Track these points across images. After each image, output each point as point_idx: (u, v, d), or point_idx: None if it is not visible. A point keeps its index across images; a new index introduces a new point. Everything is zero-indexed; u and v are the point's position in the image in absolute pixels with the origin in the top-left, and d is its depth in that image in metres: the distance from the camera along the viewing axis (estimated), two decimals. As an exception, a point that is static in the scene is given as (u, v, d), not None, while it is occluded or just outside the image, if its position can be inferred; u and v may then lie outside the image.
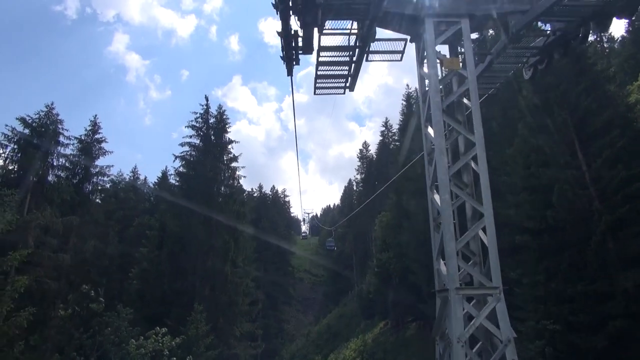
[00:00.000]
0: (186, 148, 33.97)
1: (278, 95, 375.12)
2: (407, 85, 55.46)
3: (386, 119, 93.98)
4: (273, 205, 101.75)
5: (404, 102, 48.17)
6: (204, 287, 28.01)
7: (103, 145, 30.98)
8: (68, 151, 28.75)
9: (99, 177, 30.08)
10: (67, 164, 28.38)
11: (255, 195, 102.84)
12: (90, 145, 30.48)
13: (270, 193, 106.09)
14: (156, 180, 49.03)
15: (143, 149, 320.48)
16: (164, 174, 32.16)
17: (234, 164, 35.08)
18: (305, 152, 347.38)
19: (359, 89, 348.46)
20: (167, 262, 28.66)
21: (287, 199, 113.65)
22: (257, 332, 32.34)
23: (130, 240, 33.70)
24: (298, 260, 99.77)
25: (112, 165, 31.61)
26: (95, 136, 31.38)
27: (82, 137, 30.69)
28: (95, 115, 32.23)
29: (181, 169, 33.44)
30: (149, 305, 27.07)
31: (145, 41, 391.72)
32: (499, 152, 34.93)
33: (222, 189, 32.05)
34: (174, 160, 33.29)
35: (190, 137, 34.36)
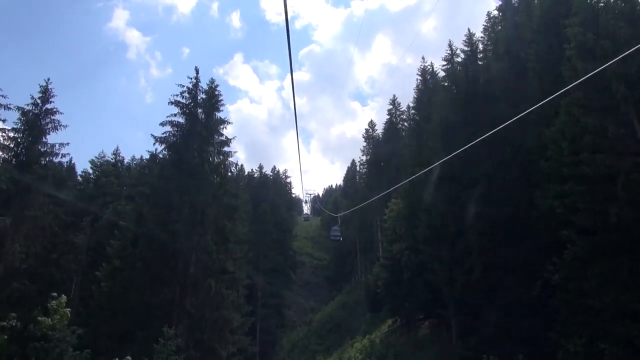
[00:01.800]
0: (168, 128, 27.65)
1: (280, 74, 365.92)
2: (423, 58, 49.47)
3: (394, 96, 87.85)
4: (274, 186, 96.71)
5: (419, 77, 42.68)
6: (185, 299, 22.74)
7: (57, 117, 25.39)
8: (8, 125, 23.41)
9: (48, 158, 24.47)
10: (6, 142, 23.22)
11: (255, 176, 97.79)
12: (39, 117, 24.62)
13: (271, 174, 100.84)
14: (144, 163, 43.17)
15: (144, 128, 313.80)
16: (153, 156, 25.94)
17: (225, 149, 29.05)
18: (307, 131, 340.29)
19: (362, 68, 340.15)
20: (141, 266, 23.20)
21: (288, 179, 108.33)
22: (252, 350, 27.18)
23: (105, 233, 28.26)
24: (299, 243, 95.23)
25: (68, 143, 25.16)
26: (46, 106, 25.32)
27: (28, 108, 24.66)
28: (48, 79, 25.85)
29: (163, 154, 27.31)
30: (116, 319, 21.90)
31: (146, 17, 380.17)
32: (535, 132, 29.69)
33: (211, 177, 26.33)
34: (154, 143, 27.10)
35: (175, 115, 28.07)
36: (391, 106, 70.79)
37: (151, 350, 16.64)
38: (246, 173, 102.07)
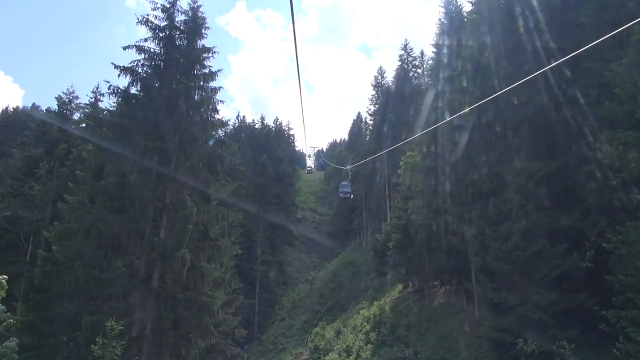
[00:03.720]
0: (136, 55, 20.72)
1: (284, 24, 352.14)
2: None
3: (405, 40, 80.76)
4: (276, 139, 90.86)
5: (442, 9, 35.59)
6: (151, 274, 17.29)
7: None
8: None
9: None
10: None
11: (256, 127, 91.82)
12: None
13: (273, 125, 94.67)
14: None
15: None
16: (116, 90, 19.40)
17: (212, 84, 22.13)
18: (311, 84, 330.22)
19: (367, 19, 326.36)
20: (96, 230, 17.00)
21: (291, 131, 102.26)
22: (239, 333, 21.93)
23: (65, 186, 22.64)
24: (302, 197, 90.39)
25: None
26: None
27: None
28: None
29: (129, 89, 20.21)
30: (62, 297, 16.68)
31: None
32: (592, 69, 23.67)
33: (190, 117, 20.40)
34: (118, 75, 20.09)
35: (145, 40, 21.21)
36: (403, 52, 63.62)
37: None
38: (247, 124, 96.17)
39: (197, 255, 17.69)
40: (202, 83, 21.72)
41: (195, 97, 21.03)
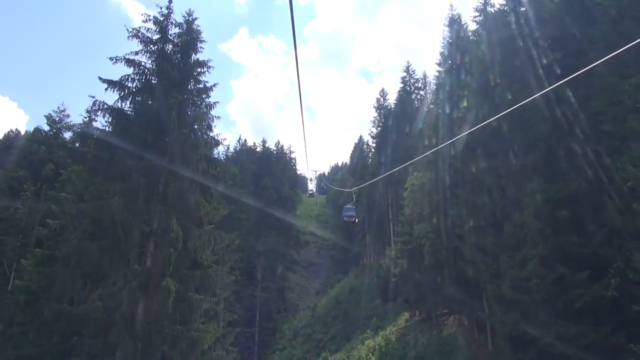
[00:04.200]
0: (125, 69, 19.35)
1: (285, 50, 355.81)
2: (451, 5, 41.05)
3: (408, 62, 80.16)
4: (277, 162, 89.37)
5: (447, 28, 34.22)
6: (134, 306, 15.52)
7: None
8: None
9: None
10: None
11: (257, 150, 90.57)
12: None
13: (275, 148, 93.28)
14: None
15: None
16: (114, 109, 17.47)
17: (207, 100, 20.59)
18: (312, 109, 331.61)
19: (367, 44, 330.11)
20: (76, 257, 14.79)
21: (292, 154, 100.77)
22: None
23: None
24: (303, 222, 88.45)
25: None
26: None
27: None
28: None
29: (118, 105, 18.50)
30: (30, 333, 14.75)
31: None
32: (610, 83, 22.20)
33: (182, 134, 18.69)
34: (106, 89, 18.49)
35: (136, 53, 19.81)
36: (405, 74, 62.72)
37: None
38: (248, 147, 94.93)
39: (185, 285, 15.86)
40: (195, 98, 20.25)
41: (189, 113, 19.51)
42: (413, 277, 32.91)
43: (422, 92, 61.14)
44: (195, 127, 19.36)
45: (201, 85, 20.69)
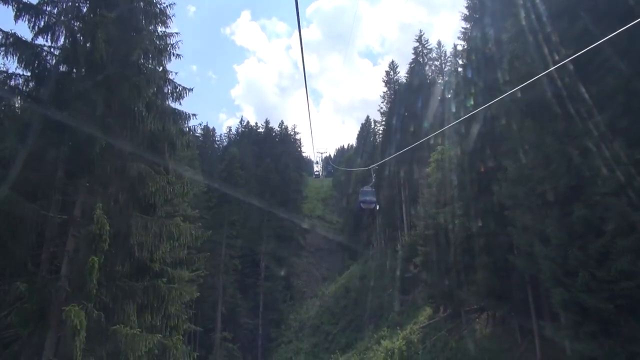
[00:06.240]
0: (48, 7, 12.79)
1: (288, 32, 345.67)
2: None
3: (420, 31, 73.37)
4: (281, 143, 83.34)
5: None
6: (49, 326, 9.40)
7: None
8: None
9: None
10: None
11: (260, 130, 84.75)
12: None
13: (278, 129, 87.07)
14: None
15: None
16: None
17: (160, 29, 14.42)
18: (317, 91, 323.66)
19: (371, 25, 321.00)
20: None
21: (297, 136, 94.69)
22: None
23: None
24: (309, 205, 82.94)
25: None
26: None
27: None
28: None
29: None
30: None
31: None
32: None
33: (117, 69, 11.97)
34: (33, 38, 12.46)
35: None
36: (417, 44, 56.22)
37: None
38: (251, 127, 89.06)
39: (118, 308, 10.15)
40: (136, 22, 13.90)
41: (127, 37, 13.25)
42: (439, 267, 27.32)
43: (437, 63, 54.90)
44: (141, 61, 13.14)
45: (159, 8, 14.30)
